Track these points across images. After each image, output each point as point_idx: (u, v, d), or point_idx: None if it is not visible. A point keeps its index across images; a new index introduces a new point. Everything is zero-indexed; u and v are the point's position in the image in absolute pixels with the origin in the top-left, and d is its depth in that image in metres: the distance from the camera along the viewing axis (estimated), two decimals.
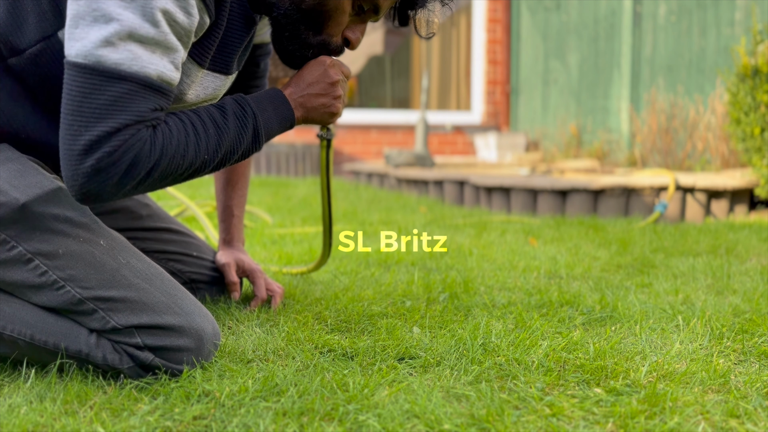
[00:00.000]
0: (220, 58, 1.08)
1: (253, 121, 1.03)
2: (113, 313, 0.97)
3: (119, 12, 0.85)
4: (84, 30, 0.85)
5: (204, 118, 0.98)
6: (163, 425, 0.84)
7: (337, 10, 1.06)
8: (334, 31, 1.09)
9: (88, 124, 0.85)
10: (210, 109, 1.00)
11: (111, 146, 0.86)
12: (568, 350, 1.12)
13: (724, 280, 1.71)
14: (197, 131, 0.96)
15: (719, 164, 3.60)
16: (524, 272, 1.82)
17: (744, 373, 1.04)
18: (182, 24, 0.90)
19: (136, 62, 0.86)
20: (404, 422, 0.84)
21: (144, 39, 0.87)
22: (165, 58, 0.90)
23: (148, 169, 0.90)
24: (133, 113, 0.87)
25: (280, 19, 1.07)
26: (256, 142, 1.04)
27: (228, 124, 0.99)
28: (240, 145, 1.02)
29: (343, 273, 1.78)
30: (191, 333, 1.00)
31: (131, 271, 1.00)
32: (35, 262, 0.96)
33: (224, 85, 1.12)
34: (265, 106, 1.05)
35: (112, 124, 0.86)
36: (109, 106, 0.86)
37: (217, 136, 0.98)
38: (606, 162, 4.81)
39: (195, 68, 1.03)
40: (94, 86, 0.85)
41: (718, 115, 3.66)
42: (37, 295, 0.98)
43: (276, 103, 1.07)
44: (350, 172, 5.82)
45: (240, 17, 1.06)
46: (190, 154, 0.95)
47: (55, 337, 0.99)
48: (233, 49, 1.09)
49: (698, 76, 4.34)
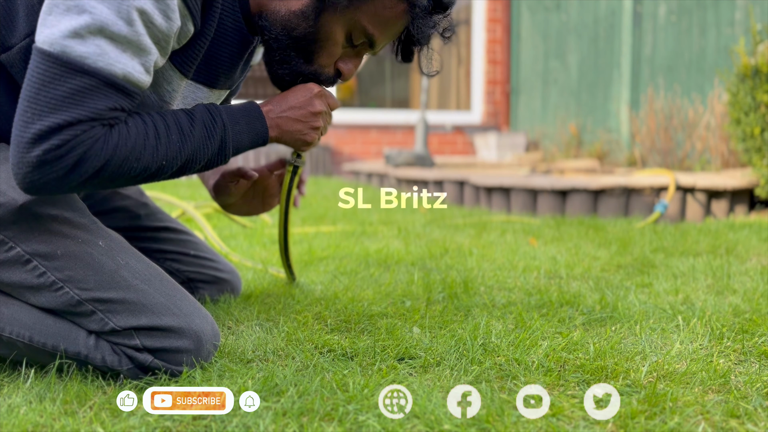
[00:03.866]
0: (205, 70, 1.06)
1: (221, 132, 0.99)
2: (112, 314, 0.97)
3: (93, 5, 0.83)
4: (56, 17, 0.83)
5: (169, 123, 0.95)
6: (162, 425, 0.84)
7: (328, 40, 1.04)
8: (326, 62, 1.08)
9: (41, 114, 0.83)
10: (178, 114, 0.97)
11: (60, 139, 0.83)
12: (568, 350, 1.12)
13: (724, 280, 1.71)
14: (158, 135, 0.93)
15: (719, 164, 3.60)
16: (524, 272, 1.81)
17: (744, 373, 1.04)
18: (160, 27, 0.88)
19: (102, 58, 0.84)
20: (404, 422, 0.84)
21: (115, 36, 0.84)
22: (135, 59, 0.87)
23: (96, 168, 0.87)
24: (89, 109, 0.84)
25: (271, 43, 1.05)
26: (222, 155, 1.01)
27: (194, 132, 0.97)
28: (203, 155, 0.99)
29: (343, 273, 1.78)
30: (190, 334, 1.00)
31: (130, 272, 0.99)
32: (33, 263, 0.96)
33: (207, 99, 1.10)
34: (238, 119, 1.02)
35: (65, 117, 0.83)
36: (66, 99, 0.83)
37: (180, 142, 0.95)
38: (606, 162, 4.81)
39: (177, 76, 1.01)
40: (55, 76, 0.83)
41: (717, 115, 3.66)
42: (36, 296, 0.98)
43: (251, 117, 1.04)
44: (350, 172, 5.82)
45: (233, 33, 1.04)
46: (146, 158, 0.92)
47: (53, 339, 0.98)
48: (221, 63, 1.07)
49: (698, 76, 4.34)
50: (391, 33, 1.07)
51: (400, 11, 1.03)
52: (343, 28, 1.04)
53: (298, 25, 1.02)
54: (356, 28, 1.04)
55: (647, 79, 4.71)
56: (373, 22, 1.03)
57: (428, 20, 1.05)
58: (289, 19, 1.02)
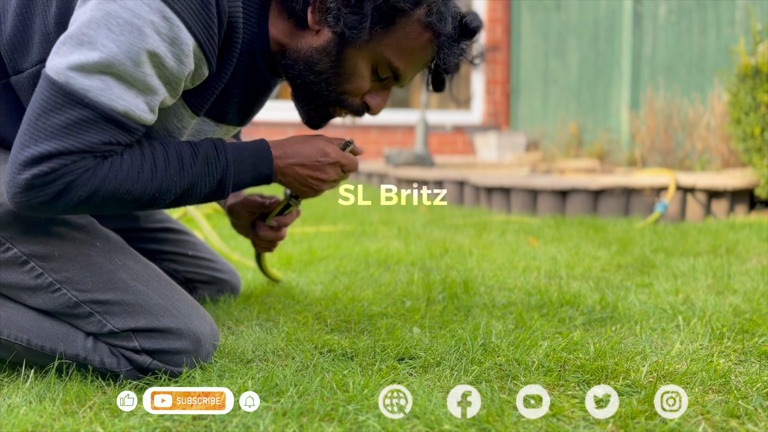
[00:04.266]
0: (216, 106, 1.05)
1: (222, 171, 0.98)
2: (110, 316, 0.97)
3: (105, 43, 0.83)
4: (69, 48, 0.84)
5: (170, 156, 0.94)
6: (162, 425, 0.84)
7: (353, 75, 1.02)
8: (353, 95, 1.05)
9: (37, 139, 0.84)
10: (182, 148, 0.96)
11: (48, 166, 0.84)
12: (568, 350, 1.12)
13: (725, 280, 1.70)
14: (155, 168, 0.92)
15: (719, 164, 3.60)
16: (524, 272, 1.81)
17: (744, 373, 1.04)
18: (171, 69, 0.88)
19: (104, 93, 0.84)
20: (404, 422, 0.84)
21: (122, 74, 0.84)
22: (140, 98, 0.87)
23: (82, 197, 0.87)
24: (82, 141, 0.85)
25: (296, 80, 1.04)
26: (220, 192, 1.00)
27: (194, 168, 0.96)
28: (200, 190, 0.98)
29: (343, 273, 1.78)
30: (189, 335, 1.00)
31: (128, 273, 0.99)
32: (31, 264, 0.95)
33: (214, 133, 1.10)
34: (243, 158, 1.01)
35: (57, 146, 0.84)
36: (63, 128, 0.84)
37: (177, 176, 0.94)
38: (606, 162, 4.81)
39: (188, 114, 1.01)
40: (56, 105, 0.84)
41: (717, 115, 3.66)
42: (33, 298, 0.97)
43: (258, 159, 1.03)
44: None
45: (250, 74, 1.03)
46: (138, 189, 0.91)
47: (51, 342, 0.98)
48: (233, 102, 1.06)
49: (698, 76, 4.34)
50: (418, 64, 1.04)
51: (425, 41, 1.00)
52: (367, 63, 1.01)
53: (320, 61, 1.01)
54: (381, 62, 1.01)
55: (647, 78, 4.71)
56: (397, 55, 1.01)
57: (455, 48, 1.01)
58: (311, 56, 1.01)
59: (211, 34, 0.90)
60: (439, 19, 0.97)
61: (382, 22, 0.96)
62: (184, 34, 0.86)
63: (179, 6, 0.85)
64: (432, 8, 0.97)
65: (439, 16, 0.97)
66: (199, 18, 0.87)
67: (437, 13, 0.97)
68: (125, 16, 0.83)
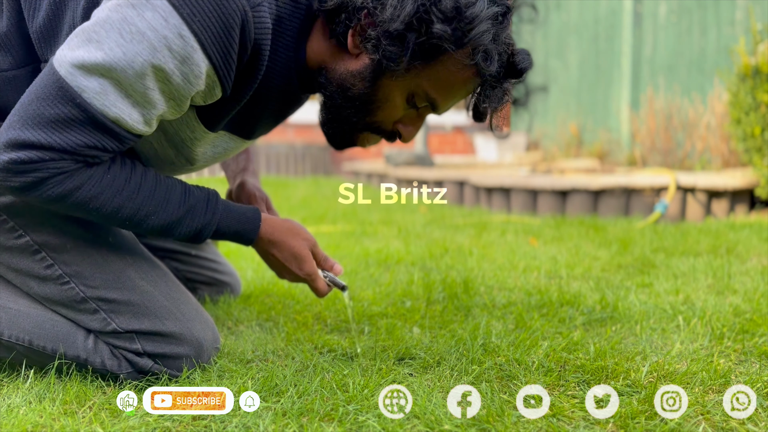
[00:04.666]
0: (241, 123, 1.02)
1: (204, 222, 0.97)
2: (115, 315, 0.97)
3: (112, 47, 0.81)
4: (78, 41, 0.83)
5: (159, 189, 0.93)
6: (162, 426, 0.84)
7: (386, 102, 0.97)
8: (384, 121, 1.01)
9: (24, 124, 0.83)
10: (174, 185, 0.96)
11: (26, 155, 0.83)
12: (568, 350, 1.12)
13: (725, 280, 1.70)
14: (135, 195, 0.91)
15: (720, 164, 3.60)
16: (524, 272, 1.81)
17: (744, 373, 1.04)
18: (177, 87, 0.85)
19: (99, 97, 0.83)
20: (404, 422, 0.84)
21: (121, 82, 0.82)
22: (136, 108, 0.85)
23: (51, 196, 0.86)
24: (65, 140, 0.83)
25: (326, 100, 1.00)
26: (197, 239, 0.98)
27: (178, 209, 0.95)
28: (176, 230, 0.96)
29: (343, 273, 1.78)
30: (191, 341, 1.00)
31: (137, 272, 0.99)
32: (42, 254, 0.96)
33: (238, 147, 1.08)
34: (231, 223, 1.00)
35: (40, 137, 0.82)
36: (50, 121, 0.83)
37: (156, 212, 0.93)
38: (606, 161, 4.81)
39: (202, 129, 0.99)
40: (50, 95, 0.82)
41: (718, 115, 3.66)
42: (41, 287, 0.98)
43: (246, 228, 1.02)
44: (350, 172, 5.82)
45: (280, 92, 1.00)
46: (107, 209, 0.90)
47: (53, 343, 0.98)
48: (260, 119, 1.03)
49: (698, 76, 4.34)
50: (458, 96, 0.98)
51: (467, 76, 0.94)
52: (402, 91, 0.96)
53: (353, 85, 0.96)
54: (418, 92, 0.96)
55: (647, 78, 4.71)
56: (436, 87, 0.95)
57: (499, 88, 0.95)
58: (345, 79, 0.97)
59: (229, 60, 0.86)
60: (484, 59, 0.90)
61: (423, 58, 0.91)
62: (198, 56, 0.83)
63: (198, 26, 0.82)
64: (478, 48, 0.90)
65: (485, 55, 0.90)
66: (217, 41, 0.84)
67: (483, 52, 0.90)
68: (140, 25, 0.81)
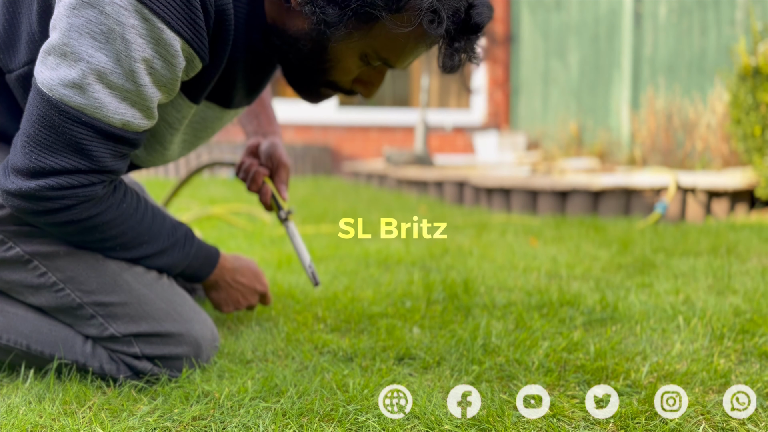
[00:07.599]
0: (219, 91, 1.02)
1: (182, 256, 1.04)
2: (112, 319, 0.96)
3: (91, 53, 0.80)
4: (55, 60, 0.82)
5: (156, 219, 0.99)
6: (162, 426, 0.84)
7: (339, 62, 0.95)
8: (341, 80, 0.99)
9: (42, 151, 0.84)
10: (164, 216, 1.02)
11: (55, 182, 0.85)
12: (568, 351, 1.12)
13: (725, 280, 1.70)
14: (139, 224, 0.97)
15: (720, 164, 3.60)
16: (524, 272, 1.81)
17: (745, 373, 1.04)
18: (163, 73, 0.85)
19: (99, 111, 0.83)
20: (404, 422, 0.84)
21: (114, 85, 0.82)
22: (136, 107, 0.85)
23: (75, 220, 0.89)
24: (89, 158, 0.86)
25: (281, 59, 1.00)
26: (169, 270, 1.05)
27: (167, 240, 1.01)
28: (158, 260, 1.02)
29: (343, 273, 1.78)
30: (190, 341, 1.00)
31: (132, 275, 0.99)
32: (34, 263, 0.95)
33: (219, 119, 1.08)
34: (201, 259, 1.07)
35: (64, 162, 0.85)
36: (68, 146, 0.84)
37: (150, 242, 0.99)
38: (606, 161, 4.81)
39: (187, 104, 0.98)
40: (55, 122, 0.83)
41: (718, 115, 3.65)
42: (35, 296, 0.97)
43: (209, 263, 1.09)
44: (350, 173, 5.82)
45: (251, 55, 0.99)
46: (112, 233, 0.95)
47: (51, 347, 0.98)
48: (235, 85, 1.03)
49: (699, 76, 4.34)
50: (413, 55, 0.95)
51: (417, 35, 0.89)
52: (354, 51, 0.93)
53: (304, 45, 0.94)
54: (369, 52, 0.93)
55: (647, 78, 4.71)
56: (385, 48, 0.92)
57: (451, 48, 0.93)
58: (297, 38, 0.95)
59: (198, 29, 0.85)
60: (430, 21, 0.85)
61: (361, 22, 0.87)
62: (168, 35, 0.82)
63: (158, 6, 0.80)
64: (418, 12, 0.84)
65: (431, 16, 0.84)
66: (181, 15, 0.83)
67: (430, 13, 0.84)
68: (107, 22, 0.79)
